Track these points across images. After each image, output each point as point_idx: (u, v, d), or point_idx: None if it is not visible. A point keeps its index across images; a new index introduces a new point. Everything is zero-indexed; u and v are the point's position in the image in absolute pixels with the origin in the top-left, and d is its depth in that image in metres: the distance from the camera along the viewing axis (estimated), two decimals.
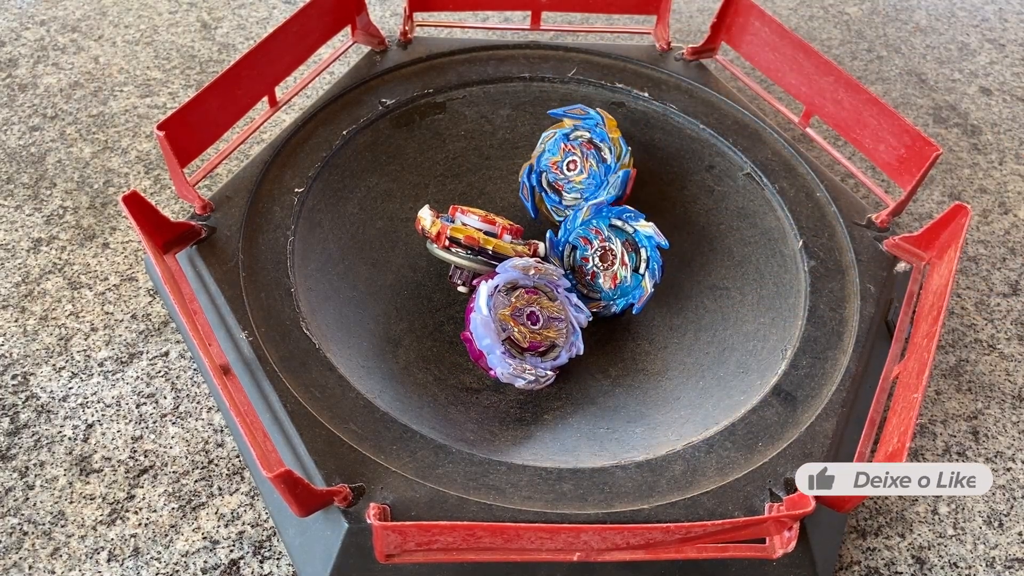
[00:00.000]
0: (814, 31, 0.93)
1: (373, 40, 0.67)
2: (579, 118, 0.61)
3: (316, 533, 0.43)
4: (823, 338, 0.51)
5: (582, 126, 0.61)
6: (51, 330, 0.57)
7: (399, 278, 0.59)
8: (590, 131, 0.61)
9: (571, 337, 0.54)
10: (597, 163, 0.60)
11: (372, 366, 0.52)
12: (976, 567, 0.49)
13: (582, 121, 0.61)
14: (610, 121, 0.60)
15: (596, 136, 0.60)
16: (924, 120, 0.81)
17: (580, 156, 0.61)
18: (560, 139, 0.61)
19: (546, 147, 0.62)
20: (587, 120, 0.61)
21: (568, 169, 0.61)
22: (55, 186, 0.68)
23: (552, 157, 0.62)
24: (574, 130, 0.61)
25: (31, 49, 0.81)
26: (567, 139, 0.61)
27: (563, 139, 0.61)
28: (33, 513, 0.48)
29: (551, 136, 0.62)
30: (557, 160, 0.62)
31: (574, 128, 0.61)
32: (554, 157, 0.62)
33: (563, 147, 0.61)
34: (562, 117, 0.62)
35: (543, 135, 0.62)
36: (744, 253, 0.59)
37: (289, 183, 0.57)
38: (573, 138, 0.61)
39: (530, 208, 0.63)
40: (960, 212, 0.51)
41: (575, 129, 0.61)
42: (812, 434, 0.46)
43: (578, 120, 0.61)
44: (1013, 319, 0.63)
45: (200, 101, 0.53)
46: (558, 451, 0.49)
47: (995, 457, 0.55)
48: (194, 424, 0.53)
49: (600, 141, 0.60)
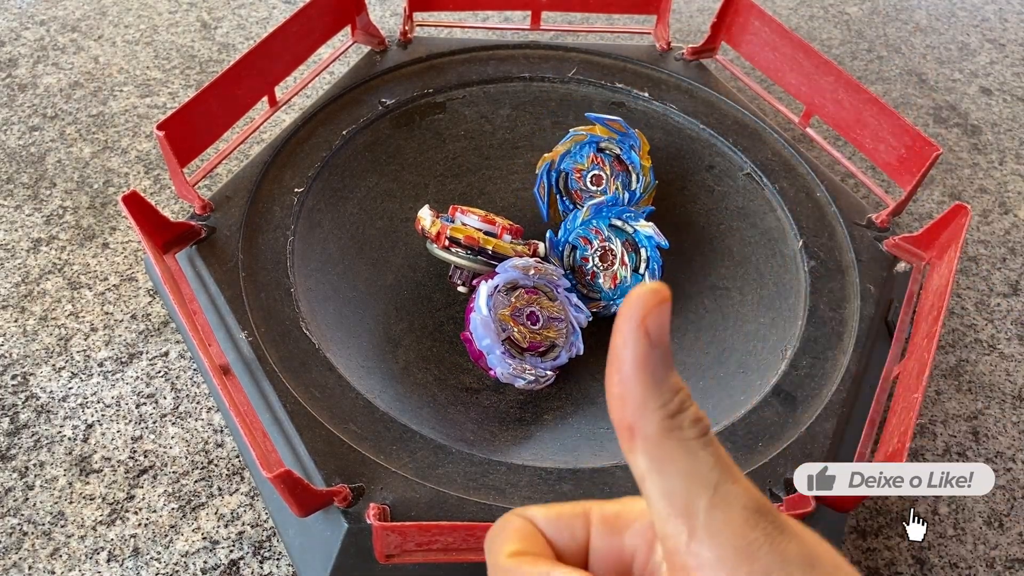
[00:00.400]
0: (814, 31, 0.93)
1: (373, 40, 0.67)
2: (616, 132, 0.59)
3: (316, 533, 0.43)
4: (823, 338, 0.51)
5: (616, 141, 0.59)
6: (51, 330, 0.57)
7: (399, 278, 0.59)
8: (622, 149, 0.59)
9: (571, 337, 0.54)
10: (623, 187, 0.59)
11: (372, 366, 0.52)
12: (976, 567, 0.49)
13: (618, 136, 0.59)
14: (645, 146, 0.59)
15: (627, 157, 0.59)
16: (924, 120, 0.81)
17: (608, 175, 0.59)
18: (591, 147, 0.59)
19: (573, 149, 0.60)
20: (623, 138, 0.59)
21: (591, 183, 0.60)
22: (55, 186, 0.68)
23: (578, 163, 0.60)
24: (606, 140, 0.59)
25: (31, 49, 0.81)
26: (598, 149, 0.59)
27: (594, 148, 0.59)
28: (33, 513, 0.48)
29: (581, 138, 0.59)
30: (582, 168, 0.60)
31: (607, 139, 0.59)
32: (580, 164, 0.60)
33: (592, 157, 0.59)
34: (599, 124, 0.59)
35: (572, 132, 0.60)
36: (744, 253, 0.59)
37: (289, 183, 0.57)
38: (603, 149, 0.59)
39: (543, 208, 0.61)
40: (960, 212, 0.51)
41: (607, 140, 0.59)
42: (812, 434, 0.46)
43: (614, 134, 0.59)
44: (1013, 319, 0.63)
45: (200, 101, 0.53)
46: (558, 451, 0.49)
47: (995, 457, 0.55)
48: (194, 424, 0.53)
49: (630, 164, 0.59)
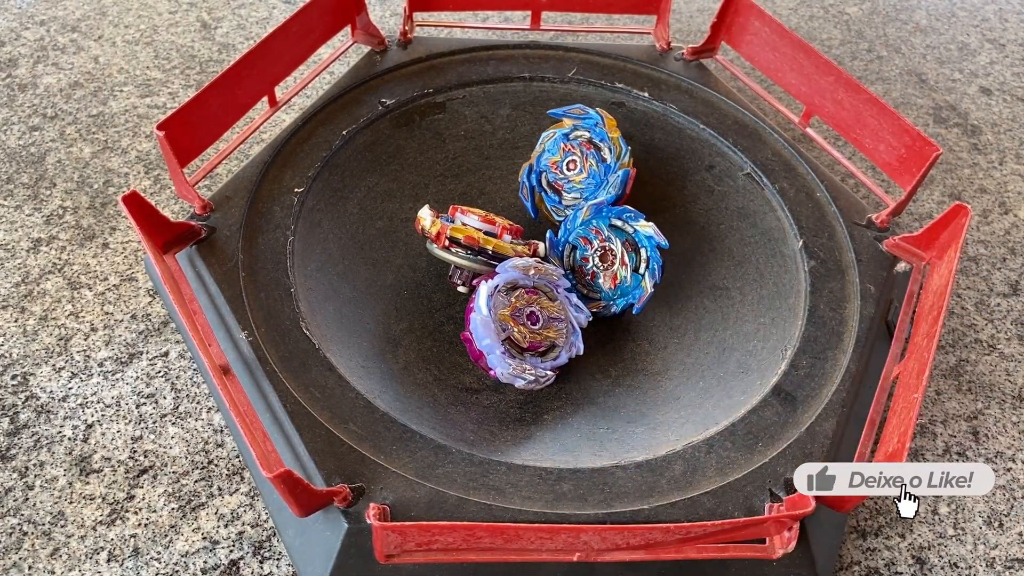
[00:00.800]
0: (814, 31, 0.93)
1: (373, 40, 0.67)
2: (579, 118, 0.61)
3: (316, 533, 0.43)
4: (823, 338, 0.51)
5: (582, 126, 0.61)
6: (51, 330, 0.57)
7: (399, 278, 0.59)
8: (590, 131, 0.60)
9: (571, 337, 0.54)
10: (597, 163, 0.60)
11: (372, 366, 0.52)
12: (976, 567, 0.49)
13: (582, 121, 0.61)
14: (609, 121, 0.60)
15: (596, 136, 0.60)
16: (924, 120, 0.81)
17: (580, 156, 0.60)
18: (560, 139, 0.61)
19: (546, 147, 0.62)
20: (586, 120, 0.61)
21: (568, 169, 0.61)
22: (55, 186, 0.68)
23: (552, 157, 0.62)
24: (573, 130, 0.61)
25: (31, 49, 0.81)
26: (567, 139, 0.61)
27: (563, 139, 0.61)
28: (33, 513, 0.48)
29: (551, 136, 0.62)
30: (557, 160, 0.61)
31: (573, 128, 0.61)
32: (554, 157, 0.62)
33: (563, 147, 0.61)
34: (562, 117, 0.62)
35: (543, 135, 0.62)
36: (744, 253, 0.59)
37: (289, 183, 0.57)
38: (573, 138, 0.61)
39: (530, 208, 0.63)
40: (960, 212, 0.51)
41: (575, 129, 0.61)
42: (812, 434, 0.46)
43: (578, 120, 0.61)
44: (1013, 319, 0.63)
45: (200, 101, 0.53)
46: (558, 451, 0.49)
47: (995, 457, 0.55)
48: (194, 424, 0.53)
49: (600, 141, 0.60)
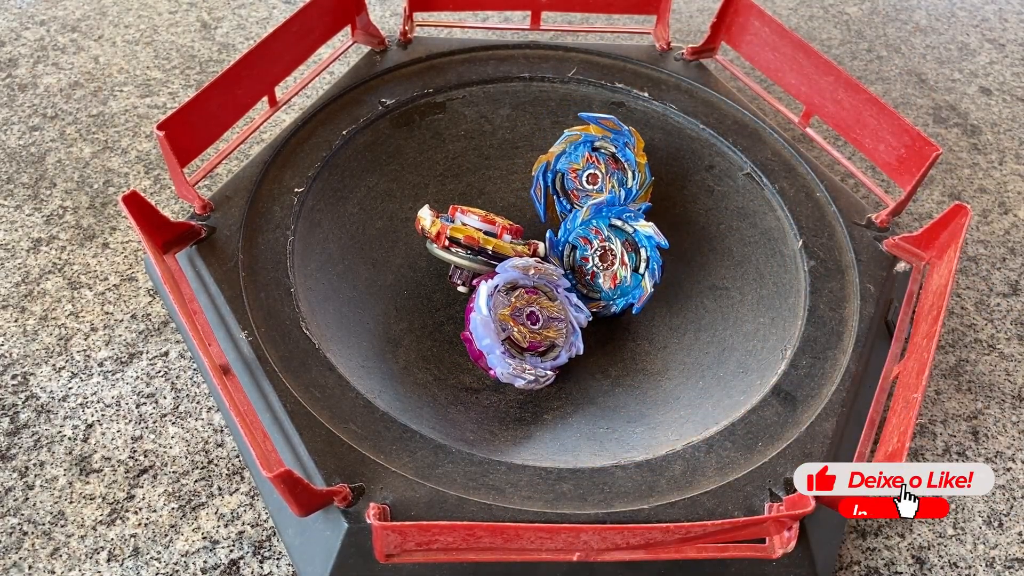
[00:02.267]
0: (814, 31, 0.93)
1: (373, 40, 0.67)
2: (610, 131, 0.59)
3: (316, 533, 0.43)
4: (823, 338, 0.51)
5: (611, 139, 0.59)
6: (51, 330, 0.57)
7: (399, 278, 0.59)
8: (617, 147, 0.59)
9: (571, 337, 0.54)
10: (619, 185, 0.59)
11: (372, 366, 0.52)
12: (976, 567, 0.49)
13: (612, 135, 0.59)
14: (639, 143, 0.59)
15: (622, 155, 0.59)
16: (924, 120, 0.81)
17: (603, 173, 0.59)
18: (585, 146, 0.59)
19: (567, 148, 0.60)
20: (617, 136, 0.59)
21: (588, 182, 0.60)
22: (55, 186, 0.68)
23: (573, 163, 0.60)
24: (601, 139, 0.59)
25: (31, 49, 0.81)
26: (592, 148, 0.59)
27: (588, 147, 0.59)
28: (33, 513, 0.48)
29: (576, 138, 0.60)
30: (578, 168, 0.60)
31: (601, 138, 0.59)
32: (575, 164, 0.60)
33: (587, 156, 0.59)
34: (594, 123, 0.59)
35: (567, 132, 0.60)
36: (744, 253, 0.59)
37: (289, 183, 0.57)
38: (599, 148, 0.59)
39: (540, 209, 0.61)
40: (960, 212, 0.51)
41: (602, 139, 0.59)
42: (812, 434, 0.46)
43: (608, 132, 0.59)
44: (1013, 319, 0.63)
45: (200, 101, 0.53)
46: (558, 451, 0.49)
47: (995, 457, 0.55)
48: (194, 424, 0.53)
49: (625, 161, 0.59)
